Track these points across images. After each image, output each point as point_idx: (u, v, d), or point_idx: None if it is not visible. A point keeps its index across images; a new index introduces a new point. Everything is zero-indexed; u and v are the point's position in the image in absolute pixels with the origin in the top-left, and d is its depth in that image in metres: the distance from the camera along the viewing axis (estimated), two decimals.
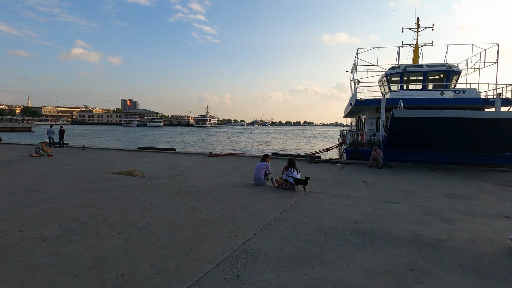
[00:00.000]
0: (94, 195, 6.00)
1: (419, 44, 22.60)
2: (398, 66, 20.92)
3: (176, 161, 14.65)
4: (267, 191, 6.68)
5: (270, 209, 5.27)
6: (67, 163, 10.61)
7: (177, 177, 8.08)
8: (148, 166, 12.78)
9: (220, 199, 5.92)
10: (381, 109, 17.85)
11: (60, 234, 3.93)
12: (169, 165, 13.42)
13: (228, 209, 5.20)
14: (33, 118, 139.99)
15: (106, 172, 8.73)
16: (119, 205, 5.30)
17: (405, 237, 4.21)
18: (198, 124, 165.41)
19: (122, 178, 7.94)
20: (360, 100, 19.08)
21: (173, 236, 3.91)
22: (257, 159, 16.04)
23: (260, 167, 7.16)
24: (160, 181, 7.58)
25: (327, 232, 4.25)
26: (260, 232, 4.11)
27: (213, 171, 11.84)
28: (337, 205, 5.76)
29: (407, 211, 5.56)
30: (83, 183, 7.20)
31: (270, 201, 5.82)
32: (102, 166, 10.00)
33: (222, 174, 11.25)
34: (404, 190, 9.15)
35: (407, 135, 15.38)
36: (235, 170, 12.04)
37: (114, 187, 6.79)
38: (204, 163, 14.14)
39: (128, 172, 9.27)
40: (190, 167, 12.94)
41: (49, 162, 10.82)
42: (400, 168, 14.14)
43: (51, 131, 20.43)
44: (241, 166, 13.18)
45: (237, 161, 14.86)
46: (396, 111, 13.94)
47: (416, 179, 11.34)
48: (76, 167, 9.67)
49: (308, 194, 6.54)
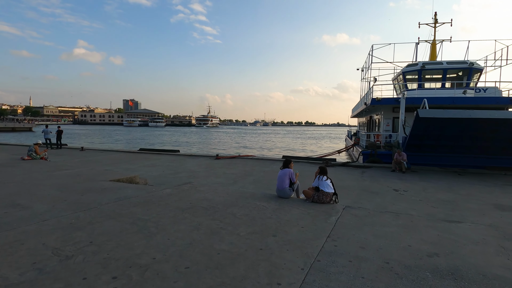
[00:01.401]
0: (86, 212, 4.85)
1: (436, 40, 21.33)
2: (416, 63, 19.68)
3: (181, 165, 13.51)
4: (296, 206, 5.51)
5: (310, 235, 4.10)
6: (61, 167, 9.49)
7: (185, 186, 6.92)
8: (151, 171, 11.64)
9: (242, 217, 4.76)
10: (400, 108, 16.64)
11: (32, 280, 2.78)
12: (174, 169, 12.28)
13: (255, 235, 4.03)
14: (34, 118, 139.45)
15: (104, 180, 7.58)
16: (116, 228, 4.15)
17: (507, 279, 3.04)
18: (200, 124, 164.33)
19: (121, 187, 6.80)
20: (377, 99, 17.87)
21: (189, 284, 2.75)
22: (267, 162, 14.94)
23: (284, 176, 6.00)
24: (165, 191, 6.42)
25: (401, 273, 3.08)
26: (310, 276, 2.94)
27: (222, 177, 10.69)
28: (390, 226, 4.58)
29: (481, 235, 4.39)
30: (75, 194, 6.05)
31: (305, 222, 4.64)
32: (100, 172, 8.86)
33: (233, 180, 10.10)
34: (444, 200, 7.99)
35: (430, 137, 14.19)
36: (247, 175, 10.89)
37: (111, 200, 5.64)
38: (212, 167, 12.99)
39: (129, 179, 8.12)
40: (197, 171, 11.80)
41: (41, 166, 9.70)
42: (425, 173, 12.95)
43: (47, 131, 19.30)
44: (251, 170, 12.02)
45: (247, 165, 13.71)
46: (421, 111, 12.76)
47: (449, 186, 10.16)
48: (71, 172, 8.54)
49: (347, 210, 5.36)
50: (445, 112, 12.55)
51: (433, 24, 21.37)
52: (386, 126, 19.51)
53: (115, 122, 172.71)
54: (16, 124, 79.29)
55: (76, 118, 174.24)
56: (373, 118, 24.59)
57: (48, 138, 19.37)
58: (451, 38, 21.05)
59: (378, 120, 21.50)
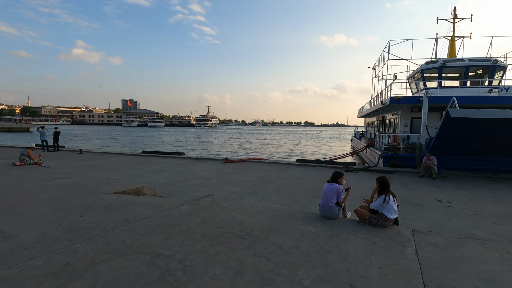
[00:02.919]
0: (87, 244, 3.69)
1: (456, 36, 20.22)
2: (435, 60, 18.57)
3: (189, 170, 12.35)
4: (352, 232, 4.37)
5: (398, 281, 2.96)
6: (57, 175, 8.32)
7: (204, 201, 5.77)
8: (157, 177, 10.48)
9: (292, 251, 3.61)
10: (423, 108, 15.55)
11: None
12: (182, 175, 11.13)
13: (326, 284, 2.88)
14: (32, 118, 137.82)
15: (107, 192, 6.42)
16: (129, 273, 3.00)
17: None
18: (200, 125, 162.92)
19: (128, 202, 5.64)
20: (397, 98, 16.75)
21: None
22: (281, 167, 13.65)
23: (331, 192, 4.85)
24: (183, 209, 5.27)
25: None
26: None
27: (238, 184, 9.55)
28: (490, 263, 3.44)
29: None
30: (73, 214, 4.89)
31: (378, 258, 3.50)
32: (101, 181, 7.70)
33: (251, 189, 8.95)
34: (501, 214, 6.93)
35: (459, 139, 13.10)
36: (265, 183, 9.74)
37: (118, 222, 4.48)
38: (223, 172, 11.84)
39: (135, 190, 6.96)
40: (208, 177, 10.65)
41: (34, 174, 8.52)
42: (457, 179, 11.84)
43: (43, 132, 18.07)
44: (268, 177, 10.87)
45: (260, 170, 12.57)
46: (452, 111, 11.67)
47: (494, 195, 9.06)
48: (68, 182, 7.37)
49: (418, 236, 4.22)
50: (480, 112, 11.47)
51: (452, 19, 20.27)
52: (404, 127, 18.40)
53: (114, 122, 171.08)
54: (13, 124, 77.83)
55: (75, 118, 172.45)
56: (386, 119, 23.47)
57: (44, 140, 18.16)
58: (471, 34, 19.97)
59: (393, 120, 20.38)
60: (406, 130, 18.32)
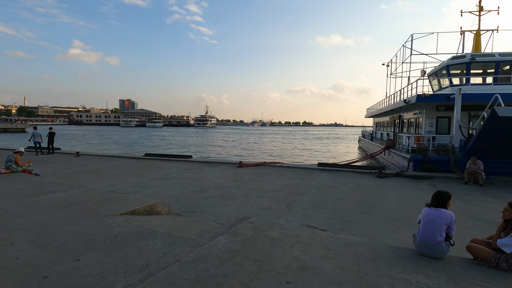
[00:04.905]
0: None
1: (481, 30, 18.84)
2: (462, 55, 17.17)
3: (202, 176, 10.85)
4: (481, 284, 2.91)
5: None
6: (48, 187, 6.80)
7: (246, 230, 4.29)
8: (167, 186, 8.97)
9: None
10: (456, 106, 14.16)
11: None
12: (196, 183, 9.62)
13: None
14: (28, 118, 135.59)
15: (111, 213, 4.92)
16: None
17: None
18: (199, 125, 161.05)
19: (142, 230, 4.15)
20: (424, 95, 15.35)
21: None
22: (304, 172, 11.75)
23: (440, 222, 3.37)
24: (220, 242, 3.78)
25: None
26: None
27: (264, 196, 8.05)
28: None
29: None
30: (65, 256, 3.38)
31: None
32: (103, 195, 6.18)
33: (284, 203, 7.46)
34: None
35: (501, 141, 11.75)
36: (296, 195, 8.26)
37: (133, 276, 2.99)
38: (241, 179, 10.35)
39: (147, 209, 5.46)
40: (227, 186, 9.15)
41: (21, 185, 7.00)
42: (506, 185, 10.45)
43: (36, 133, 16.49)
44: (295, 185, 9.40)
45: (281, 176, 11.11)
46: (499, 109, 10.31)
47: None
48: (61, 198, 5.86)
49: None
50: None
51: (477, 12, 18.88)
52: (430, 127, 16.99)
53: (112, 123, 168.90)
54: (8, 124, 75.77)
55: (72, 119, 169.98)
56: (404, 118, 22.06)
57: (37, 142, 16.58)
58: (498, 27, 18.57)
59: (414, 120, 18.95)
60: (431, 131, 16.91)
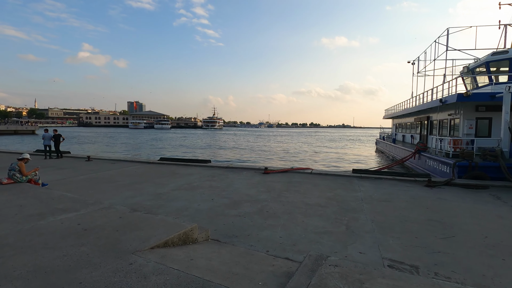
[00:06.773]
0: None
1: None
2: (505, 50, 15.63)
3: (228, 184, 9.59)
4: None
5: None
6: (56, 204, 5.63)
7: (336, 282, 3.00)
8: (194, 198, 7.71)
9: None
10: (504, 106, 12.64)
11: None
12: (224, 193, 8.35)
13: None
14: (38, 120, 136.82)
15: (138, 248, 3.69)
16: None
17: None
18: (208, 126, 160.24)
19: (186, 277, 2.90)
20: (466, 94, 13.86)
21: None
22: (340, 180, 10.13)
23: None
24: None
25: None
26: None
27: (311, 213, 6.69)
28: None
29: None
30: None
31: None
32: (123, 216, 4.96)
33: (339, 222, 6.09)
34: None
35: None
36: (347, 211, 6.88)
37: None
38: (272, 189, 9.04)
39: (182, 238, 4.23)
40: (261, 199, 7.82)
41: (23, 201, 5.84)
42: None
43: (47, 136, 15.46)
44: (340, 198, 8.01)
45: (318, 185, 9.74)
46: None
47: None
48: (71, 221, 4.66)
49: None
50: None
51: None
52: (469, 129, 15.46)
53: (120, 124, 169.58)
54: (19, 126, 76.08)
55: (81, 120, 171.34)
56: (432, 119, 20.50)
57: (47, 145, 15.57)
58: None
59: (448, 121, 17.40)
60: (471, 133, 15.38)
